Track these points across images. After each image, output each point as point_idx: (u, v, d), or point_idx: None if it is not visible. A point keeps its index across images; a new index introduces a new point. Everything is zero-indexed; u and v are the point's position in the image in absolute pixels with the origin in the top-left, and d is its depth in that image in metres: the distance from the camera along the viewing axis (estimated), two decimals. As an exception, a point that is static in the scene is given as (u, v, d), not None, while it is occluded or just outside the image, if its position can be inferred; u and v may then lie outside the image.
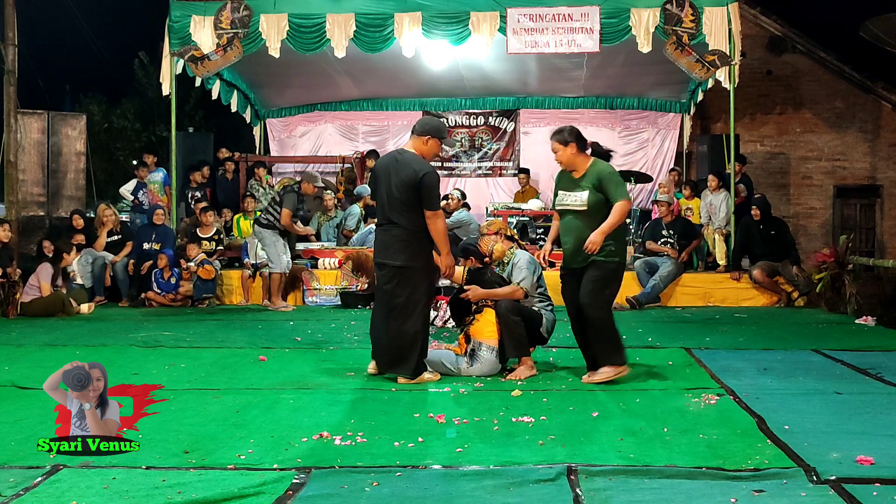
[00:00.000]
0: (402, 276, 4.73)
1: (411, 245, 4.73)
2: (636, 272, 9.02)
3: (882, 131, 13.29)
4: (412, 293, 4.73)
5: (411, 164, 4.73)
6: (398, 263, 4.73)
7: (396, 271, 4.74)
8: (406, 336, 4.71)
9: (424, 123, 4.96)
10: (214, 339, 6.51)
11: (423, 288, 4.77)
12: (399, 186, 4.71)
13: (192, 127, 17.25)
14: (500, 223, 5.49)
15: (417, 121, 5.07)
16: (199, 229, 9.76)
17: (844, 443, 3.36)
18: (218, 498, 2.78)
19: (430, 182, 4.67)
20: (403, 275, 4.73)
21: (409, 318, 4.72)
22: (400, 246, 4.73)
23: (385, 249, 4.81)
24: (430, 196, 4.69)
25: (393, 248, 4.75)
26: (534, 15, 9.24)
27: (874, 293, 8.82)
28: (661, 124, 13.02)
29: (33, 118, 10.58)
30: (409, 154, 4.83)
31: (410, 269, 4.73)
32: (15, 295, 8.16)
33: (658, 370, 5.12)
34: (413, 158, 4.78)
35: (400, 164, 4.76)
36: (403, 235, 4.72)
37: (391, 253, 4.76)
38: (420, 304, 4.75)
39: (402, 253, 4.73)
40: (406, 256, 4.73)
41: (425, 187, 4.66)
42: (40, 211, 10.51)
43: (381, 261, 4.85)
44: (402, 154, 4.86)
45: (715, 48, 9.08)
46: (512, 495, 2.82)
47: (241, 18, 9.41)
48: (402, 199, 4.70)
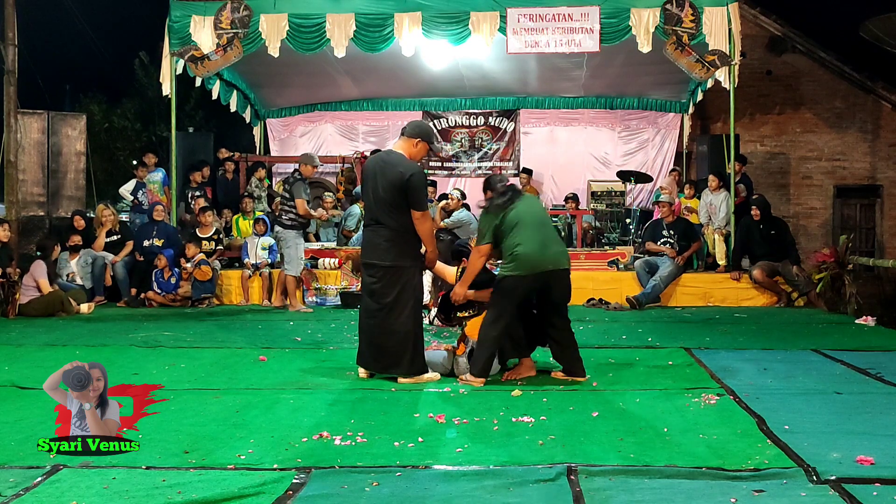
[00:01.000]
0: (391, 276, 4.74)
1: (399, 245, 4.75)
2: (636, 272, 9.03)
3: (882, 131, 13.29)
4: (401, 292, 4.73)
5: (398, 165, 4.74)
6: (386, 263, 4.75)
7: (385, 271, 4.76)
8: (398, 335, 4.72)
9: (416, 126, 4.97)
10: (214, 339, 6.51)
11: (412, 287, 4.78)
12: (386, 187, 4.72)
13: (193, 127, 17.26)
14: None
15: (408, 122, 5.07)
16: (199, 229, 9.76)
17: (844, 443, 3.36)
18: (218, 498, 2.78)
19: (417, 183, 4.69)
20: (392, 274, 4.74)
21: (400, 316, 4.72)
22: (388, 245, 4.75)
23: (373, 249, 4.82)
24: (418, 197, 4.71)
25: (381, 247, 4.77)
26: (534, 15, 9.25)
27: (874, 293, 8.84)
28: (661, 124, 13.03)
29: (33, 118, 10.58)
30: (396, 155, 4.84)
31: (399, 268, 4.75)
32: (15, 295, 8.16)
33: (658, 370, 5.11)
34: (400, 160, 4.80)
35: (387, 165, 4.78)
36: (391, 235, 4.74)
37: (379, 253, 4.78)
38: (410, 302, 4.75)
39: (389, 252, 4.74)
40: (394, 256, 4.74)
41: (412, 188, 4.67)
42: (40, 211, 10.51)
43: (368, 261, 4.86)
44: (390, 155, 4.88)
45: (715, 48, 9.08)
46: (512, 495, 2.82)
47: (241, 18, 9.41)
48: (389, 199, 4.72)
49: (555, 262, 4.74)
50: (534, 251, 4.68)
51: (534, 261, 4.68)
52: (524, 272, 4.67)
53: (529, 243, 4.68)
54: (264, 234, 9.58)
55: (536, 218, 4.84)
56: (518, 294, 4.76)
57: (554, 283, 4.77)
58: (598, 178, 12.56)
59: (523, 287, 4.73)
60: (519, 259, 4.67)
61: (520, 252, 4.67)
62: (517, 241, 4.70)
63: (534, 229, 4.75)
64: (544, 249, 4.72)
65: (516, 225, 4.74)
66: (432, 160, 13.03)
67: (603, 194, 12.01)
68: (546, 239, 4.78)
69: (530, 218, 4.78)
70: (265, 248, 9.45)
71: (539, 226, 4.80)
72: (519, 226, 4.73)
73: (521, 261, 4.67)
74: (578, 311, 8.25)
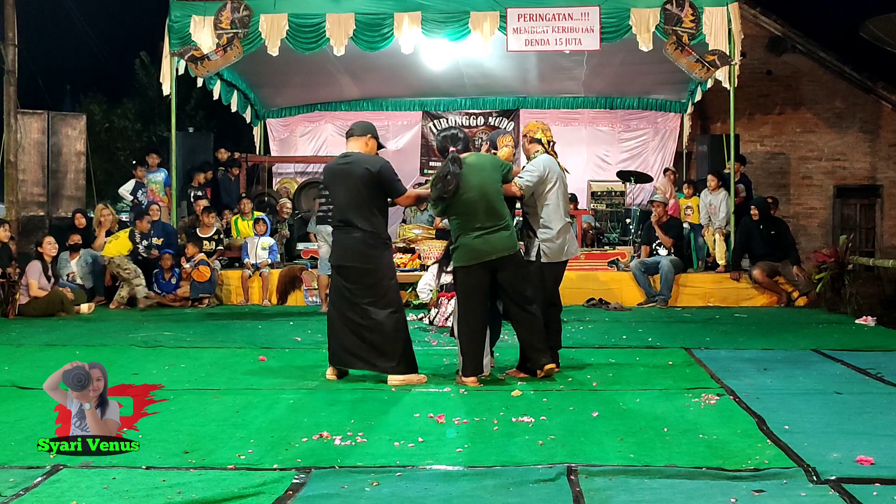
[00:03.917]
0: (366, 279, 4.74)
1: (371, 247, 4.74)
2: (633, 274, 9.03)
3: (882, 131, 13.29)
4: (380, 294, 4.73)
5: (363, 163, 4.76)
6: (360, 266, 4.75)
7: (360, 273, 4.75)
8: (382, 337, 4.69)
9: (361, 126, 5.00)
10: (214, 339, 6.51)
11: (390, 288, 4.77)
12: (355, 187, 4.73)
13: (193, 127, 17.24)
14: (536, 125, 5.22)
15: (353, 124, 5.04)
16: (199, 229, 9.76)
17: (844, 443, 3.36)
18: (218, 498, 2.78)
19: (387, 172, 4.77)
20: (366, 277, 4.74)
21: (385, 318, 4.69)
22: (361, 248, 4.74)
23: (345, 252, 4.81)
24: (392, 184, 4.80)
25: (354, 250, 4.76)
26: (533, 15, 9.25)
27: (874, 293, 8.82)
28: (661, 124, 13.03)
29: (33, 118, 10.58)
30: (355, 155, 4.86)
31: (372, 270, 4.74)
32: (15, 295, 8.16)
33: (658, 370, 5.11)
34: (363, 157, 4.82)
35: (351, 165, 4.78)
36: (363, 238, 4.74)
37: (351, 255, 4.78)
38: (389, 303, 4.73)
39: (362, 255, 4.74)
40: (367, 258, 4.74)
41: (385, 178, 4.75)
42: (40, 211, 10.50)
43: (343, 264, 4.81)
44: (349, 156, 4.86)
45: (715, 48, 9.08)
46: (512, 495, 2.82)
47: (240, 18, 9.41)
48: (361, 198, 4.73)
49: (497, 249, 4.61)
50: (473, 241, 4.60)
51: (474, 251, 4.61)
52: (467, 262, 4.64)
53: (469, 232, 4.61)
54: (264, 234, 9.59)
55: (479, 200, 4.61)
56: (471, 285, 4.68)
57: (501, 271, 4.66)
58: (597, 178, 12.55)
59: (473, 278, 4.66)
60: (459, 249, 4.67)
61: (460, 242, 4.66)
62: (457, 230, 4.67)
63: (473, 216, 4.61)
64: (486, 237, 4.59)
65: (458, 212, 4.64)
66: (432, 160, 13.02)
67: (603, 194, 11.99)
68: (488, 225, 4.60)
69: (471, 203, 4.60)
70: (265, 248, 9.46)
71: (484, 209, 4.61)
72: (463, 212, 4.63)
73: (461, 251, 4.66)
74: (578, 311, 8.27)
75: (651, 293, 8.91)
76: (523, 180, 4.88)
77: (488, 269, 4.64)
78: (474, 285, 4.68)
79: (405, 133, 13.50)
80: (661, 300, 8.78)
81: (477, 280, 4.66)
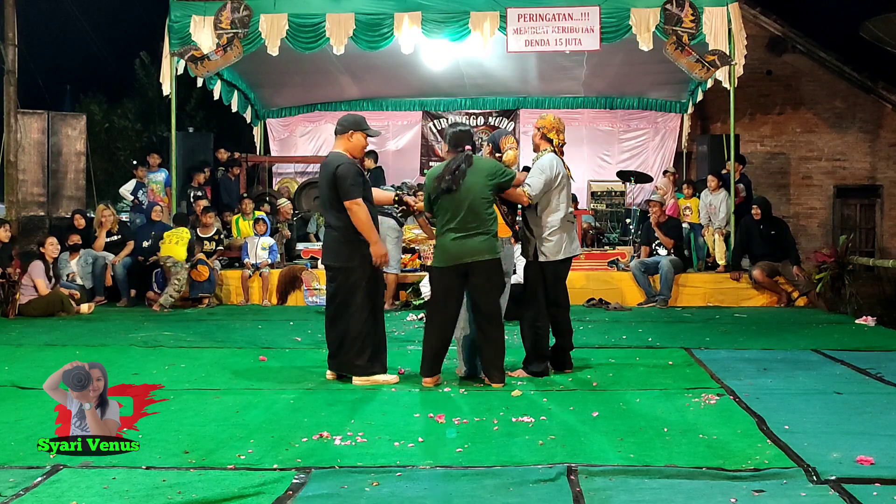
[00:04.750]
0: (340, 277, 4.75)
1: (345, 245, 4.74)
2: (633, 274, 9.03)
3: (882, 131, 13.29)
4: (350, 293, 4.72)
5: (332, 162, 4.76)
6: (336, 264, 4.78)
7: (336, 272, 4.78)
8: (348, 336, 4.69)
9: (343, 120, 4.96)
10: (214, 339, 6.51)
11: (361, 287, 4.72)
12: (325, 188, 4.77)
13: (193, 127, 17.24)
14: (553, 123, 5.02)
15: (337, 121, 5.00)
16: (200, 229, 9.76)
17: (844, 443, 3.36)
18: (218, 498, 2.78)
19: (343, 172, 4.65)
20: (341, 275, 4.75)
21: (351, 318, 4.69)
22: (336, 247, 4.77)
23: (325, 251, 4.90)
24: (344, 185, 4.64)
25: (330, 249, 4.82)
26: (533, 15, 9.25)
27: (874, 293, 8.83)
28: (661, 124, 13.03)
29: (33, 118, 10.57)
30: (333, 154, 4.87)
31: (346, 269, 4.74)
32: (15, 295, 8.16)
33: (658, 370, 5.11)
34: (334, 156, 4.81)
35: (325, 166, 4.80)
36: (338, 236, 4.76)
37: (328, 254, 4.84)
38: (357, 302, 4.70)
39: (338, 254, 4.76)
40: (342, 257, 4.75)
41: (339, 178, 4.65)
42: (40, 211, 10.50)
43: (324, 263, 4.93)
44: (328, 157, 4.89)
45: (715, 48, 9.08)
46: (512, 495, 2.82)
47: (240, 18, 9.41)
48: (329, 199, 4.76)
49: (470, 253, 4.56)
50: (449, 243, 4.59)
51: (448, 253, 4.61)
52: (440, 264, 4.64)
53: (447, 233, 4.61)
54: (265, 234, 9.58)
55: (464, 201, 4.56)
56: (443, 285, 4.66)
57: (472, 276, 4.61)
58: (598, 178, 12.56)
59: (445, 279, 4.64)
60: (436, 250, 4.68)
61: (438, 243, 4.67)
62: (440, 228, 4.67)
63: (454, 217, 4.58)
64: (463, 240, 4.56)
65: (445, 210, 4.63)
66: (432, 159, 13.03)
67: (603, 194, 12.00)
68: (467, 227, 4.56)
69: (457, 203, 4.57)
70: (265, 248, 9.45)
71: (466, 212, 4.56)
72: (447, 211, 4.62)
73: (437, 252, 4.68)
74: (578, 312, 8.25)
75: (651, 293, 8.92)
76: (531, 188, 4.84)
77: (461, 272, 4.62)
78: (445, 287, 4.68)
79: (405, 133, 13.50)
80: (661, 300, 8.78)
81: (449, 282, 4.65)
